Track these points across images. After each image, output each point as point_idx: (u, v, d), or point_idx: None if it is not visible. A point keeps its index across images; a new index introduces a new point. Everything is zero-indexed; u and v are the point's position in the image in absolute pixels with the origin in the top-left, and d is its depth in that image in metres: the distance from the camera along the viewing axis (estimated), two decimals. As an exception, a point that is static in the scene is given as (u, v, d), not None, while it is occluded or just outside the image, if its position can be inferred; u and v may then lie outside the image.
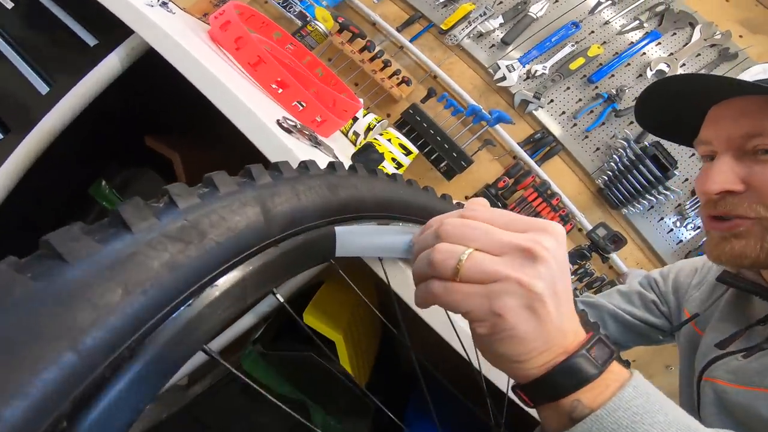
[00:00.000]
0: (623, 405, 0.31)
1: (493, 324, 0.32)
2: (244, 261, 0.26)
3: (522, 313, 0.31)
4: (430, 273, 0.33)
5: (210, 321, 0.24)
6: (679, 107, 0.63)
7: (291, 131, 0.58)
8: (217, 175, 0.27)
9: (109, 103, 0.77)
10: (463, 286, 0.32)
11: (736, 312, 0.68)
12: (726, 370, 0.61)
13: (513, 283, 0.31)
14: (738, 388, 0.59)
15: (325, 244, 0.36)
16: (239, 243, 0.26)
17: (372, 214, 0.41)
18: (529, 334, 0.32)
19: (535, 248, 0.32)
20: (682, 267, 0.86)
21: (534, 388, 0.34)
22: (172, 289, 0.21)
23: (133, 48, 0.74)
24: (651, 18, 1.67)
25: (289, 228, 0.31)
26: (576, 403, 0.32)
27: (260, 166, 0.31)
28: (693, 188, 1.64)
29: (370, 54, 1.63)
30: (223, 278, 0.25)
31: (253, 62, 0.78)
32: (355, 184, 0.40)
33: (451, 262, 0.32)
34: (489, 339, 0.33)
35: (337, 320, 0.86)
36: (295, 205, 0.31)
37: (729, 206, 0.56)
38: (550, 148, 1.64)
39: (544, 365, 0.33)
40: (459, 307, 0.32)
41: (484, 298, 0.31)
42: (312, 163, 0.37)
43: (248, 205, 0.27)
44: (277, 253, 0.29)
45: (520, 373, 0.34)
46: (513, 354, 0.33)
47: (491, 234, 0.33)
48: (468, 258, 0.32)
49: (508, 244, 0.32)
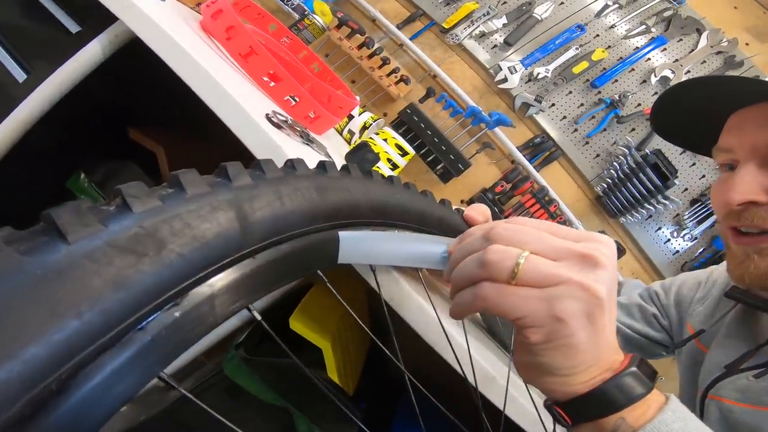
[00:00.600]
0: (662, 428, 0.31)
1: (552, 330, 0.30)
2: (213, 275, 0.22)
3: (582, 319, 0.30)
4: (481, 275, 0.32)
5: (168, 345, 0.20)
6: (698, 112, 0.60)
7: (281, 127, 0.54)
8: (185, 173, 0.23)
9: (90, 93, 0.73)
10: (520, 289, 0.30)
11: (743, 329, 0.65)
12: (733, 389, 0.59)
13: (576, 286, 0.30)
14: (745, 407, 0.56)
15: (320, 252, 0.33)
16: (208, 254, 0.22)
17: (365, 221, 0.37)
18: (584, 345, 0.31)
19: (595, 254, 0.30)
20: (684, 280, 0.83)
21: (578, 404, 0.32)
22: (117, 311, 0.17)
23: (117, 35, 0.70)
24: (658, 23, 1.64)
25: (270, 236, 0.27)
26: (620, 422, 0.31)
27: (238, 164, 0.27)
28: (692, 198, 1.62)
29: (368, 51, 1.59)
30: (187, 296, 0.21)
31: (244, 53, 0.74)
32: (348, 186, 0.36)
33: (508, 263, 0.30)
34: (541, 347, 0.31)
35: (326, 326, 0.82)
36: (277, 210, 0.27)
37: (754, 218, 0.53)
38: (549, 153, 1.61)
39: (591, 380, 0.32)
40: (515, 311, 0.30)
41: (544, 302, 0.30)
42: (300, 162, 0.33)
43: (220, 210, 0.23)
44: (255, 265, 0.26)
45: (563, 388, 0.32)
46: (562, 366, 0.32)
47: (547, 239, 0.32)
48: (526, 260, 0.30)
49: (565, 249, 0.31)
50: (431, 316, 0.49)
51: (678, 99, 0.62)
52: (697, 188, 1.62)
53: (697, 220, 1.60)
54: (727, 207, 0.55)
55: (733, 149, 0.56)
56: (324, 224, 0.33)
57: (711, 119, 0.59)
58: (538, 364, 0.32)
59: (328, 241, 0.34)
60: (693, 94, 0.60)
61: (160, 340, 0.20)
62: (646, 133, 1.62)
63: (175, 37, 0.56)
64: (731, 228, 0.56)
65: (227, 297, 0.23)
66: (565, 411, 0.33)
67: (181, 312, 0.20)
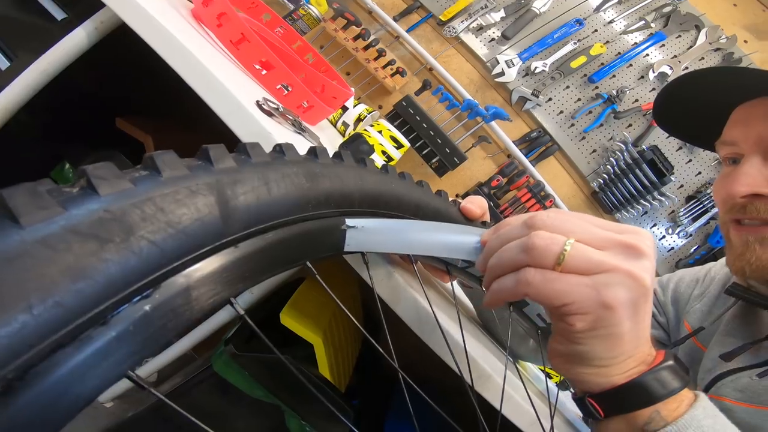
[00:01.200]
0: (694, 423, 0.31)
1: (599, 318, 0.30)
2: (189, 265, 0.21)
3: (629, 308, 0.30)
4: (524, 260, 0.31)
5: (136, 342, 0.18)
6: (702, 104, 0.59)
7: (272, 114, 0.52)
8: (161, 154, 0.21)
9: (75, 81, 0.71)
10: (567, 275, 0.30)
11: (743, 327, 0.64)
12: (734, 388, 0.58)
13: (624, 274, 0.29)
14: (746, 407, 0.56)
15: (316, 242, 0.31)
16: (184, 242, 0.20)
17: (358, 210, 0.35)
18: (627, 335, 0.31)
19: (639, 244, 0.30)
20: (682, 276, 0.82)
21: (615, 396, 0.32)
22: (74, 303, 0.15)
23: (103, 21, 0.67)
24: (657, 19, 1.63)
25: (255, 224, 0.25)
26: (654, 415, 0.31)
27: (221, 147, 0.25)
28: (687, 195, 1.61)
29: (364, 42, 1.57)
30: (159, 288, 0.19)
31: (235, 40, 0.72)
32: (340, 174, 0.34)
33: (555, 248, 0.30)
34: (585, 335, 0.31)
35: (317, 321, 0.80)
36: (263, 196, 0.25)
37: (759, 211, 0.52)
38: (545, 147, 1.60)
39: (629, 372, 0.32)
40: (562, 298, 0.30)
41: (592, 289, 0.29)
42: (289, 147, 0.31)
43: (200, 194, 0.21)
44: (238, 255, 0.24)
45: (599, 379, 0.32)
46: (602, 356, 0.32)
47: (590, 228, 0.31)
48: (573, 246, 0.30)
49: (609, 239, 0.31)
50: (426, 312, 0.48)
51: (683, 90, 0.61)
52: (693, 185, 1.62)
53: (693, 217, 1.60)
54: (731, 200, 0.54)
55: (737, 142, 0.55)
56: (318, 212, 0.31)
57: (715, 112, 0.58)
58: (577, 353, 0.32)
59: (326, 230, 0.32)
60: (698, 86, 0.59)
61: (127, 337, 0.18)
62: (643, 128, 1.61)
63: (163, 23, 0.53)
64: (733, 220, 0.56)
65: (206, 289, 0.22)
66: (598, 403, 0.33)
67: (152, 305, 0.18)
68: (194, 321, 0.21)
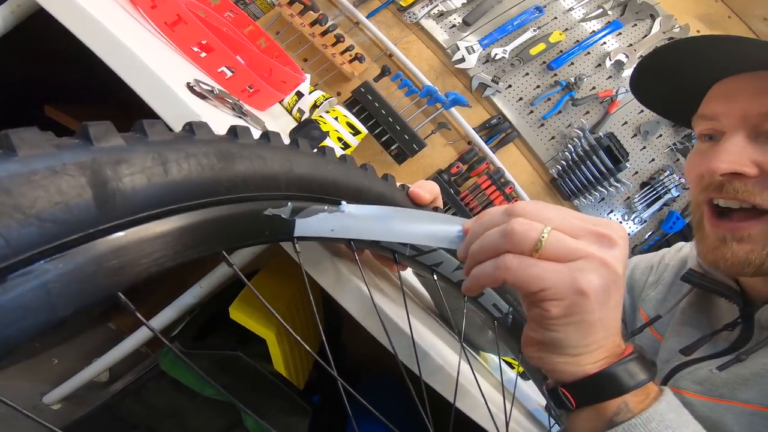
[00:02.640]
0: (657, 417, 0.32)
1: (572, 304, 0.31)
2: (48, 255, 0.18)
3: (602, 294, 0.31)
4: (504, 246, 0.32)
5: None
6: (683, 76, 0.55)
7: (205, 96, 0.49)
8: (20, 131, 0.18)
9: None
10: (544, 261, 0.31)
11: (699, 315, 0.63)
12: (693, 381, 0.56)
13: (597, 261, 0.31)
14: (705, 399, 0.54)
15: (236, 228, 0.29)
16: (38, 230, 0.17)
17: (284, 194, 0.33)
18: (600, 322, 0.31)
19: (611, 234, 0.32)
20: (637, 264, 0.80)
21: (586, 385, 0.33)
22: None
23: (19, 5, 0.62)
24: (614, 7, 1.65)
25: (147, 208, 0.22)
26: (623, 406, 0.32)
27: (107, 123, 0.22)
28: (642, 182, 1.65)
29: (321, 28, 1.52)
30: (4, 283, 0.16)
31: (170, 21, 0.67)
32: (264, 155, 0.32)
33: (533, 234, 0.31)
34: (559, 321, 0.32)
35: (270, 315, 0.77)
36: (157, 177, 0.22)
37: (738, 191, 0.49)
38: (505, 134, 1.60)
39: (600, 362, 0.33)
40: (538, 283, 0.31)
41: (568, 275, 0.30)
42: (201, 126, 0.28)
43: (66, 175, 0.18)
44: (122, 243, 0.21)
45: (572, 368, 0.33)
46: (575, 344, 0.32)
47: (568, 218, 0.32)
48: (550, 233, 0.31)
49: (584, 228, 0.32)
50: (368, 300, 0.46)
51: (665, 60, 0.56)
52: (647, 172, 1.66)
53: (647, 203, 1.64)
54: (710, 176, 0.51)
55: (718, 116, 0.52)
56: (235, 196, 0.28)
57: (692, 85, 0.55)
58: (551, 340, 0.33)
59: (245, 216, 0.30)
60: (683, 54, 0.54)
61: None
62: (600, 116, 1.64)
63: (81, 2, 0.49)
64: (708, 204, 0.53)
65: (77, 282, 0.19)
66: (570, 392, 0.34)
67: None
68: (59, 318, 0.18)
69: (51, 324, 0.18)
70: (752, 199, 0.48)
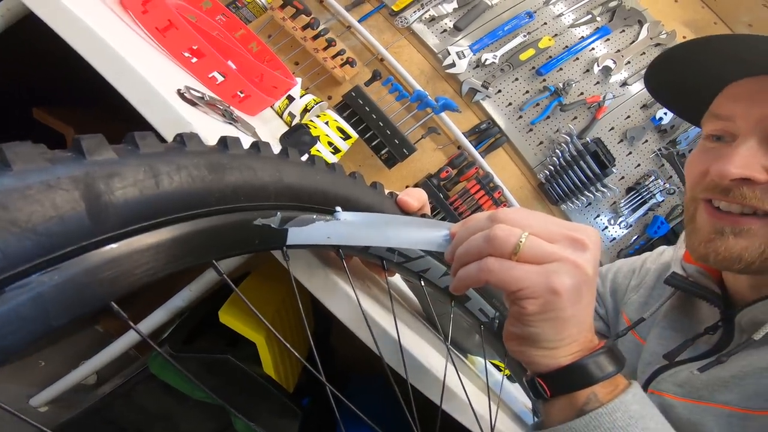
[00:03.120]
0: (622, 407, 0.35)
1: (547, 302, 0.34)
2: (44, 268, 0.18)
3: (574, 294, 0.34)
4: (486, 249, 0.35)
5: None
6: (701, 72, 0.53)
7: (195, 103, 0.49)
8: (14, 145, 0.19)
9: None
10: (521, 264, 0.34)
11: (681, 318, 0.64)
12: (674, 383, 0.57)
13: (570, 264, 0.34)
14: (686, 402, 0.55)
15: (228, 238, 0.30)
16: (34, 243, 0.18)
17: (273, 204, 0.33)
18: (572, 318, 0.35)
19: (584, 239, 0.35)
20: (620, 267, 0.81)
21: (560, 376, 0.36)
22: None
23: (9, 9, 0.62)
24: (603, 13, 1.67)
25: (139, 220, 0.23)
26: (592, 396, 0.35)
27: (98, 137, 0.23)
28: (628, 186, 1.68)
29: (313, 32, 1.53)
30: (3, 294, 0.17)
31: (162, 27, 0.67)
32: (254, 166, 0.32)
33: (512, 239, 0.34)
34: (535, 318, 0.34)
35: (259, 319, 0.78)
36: (149, 190, 0.23)
37: (746, 197, 0.48)
38: (494, 139, 1.62)
39: (572, 354, 0.36)
40: (516, 283, 0.34)
41: (542, 276, 0.33)
42: (192, 137, 0.29)
43: (60, 189, 0.19)
44: (115, 254, 0.21)
45: (547, 360, 0.36)
46: (550, 338, 0.35)
47: (545, 224, 0.35)
48: (528, 238, 0.34)
49: (559, 233, 0.35)
50: (357, 306, 0.47)
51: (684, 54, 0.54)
52: (633, 177, 1.69)
53: (632, 208, 1.67)
54: (718, 179, 0.49)
55: (734, 118, 0.50)
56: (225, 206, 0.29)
57: (710, 82, 0.54)
58: (529, 335, 0.36)
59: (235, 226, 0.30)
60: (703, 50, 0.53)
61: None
62: (587, 121, 1.66)
63: (71, 8, 0.49)
64: (706, 202, 0.52)
65: (72, 293, 0.19)
66: (546, 383, 0.37)
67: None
68: (53, 327, 0.19)
69: (46, 333, 0.18)
70: (759, 204, 0.48)
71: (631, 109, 1.68)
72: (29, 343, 0.18)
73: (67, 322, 0.19)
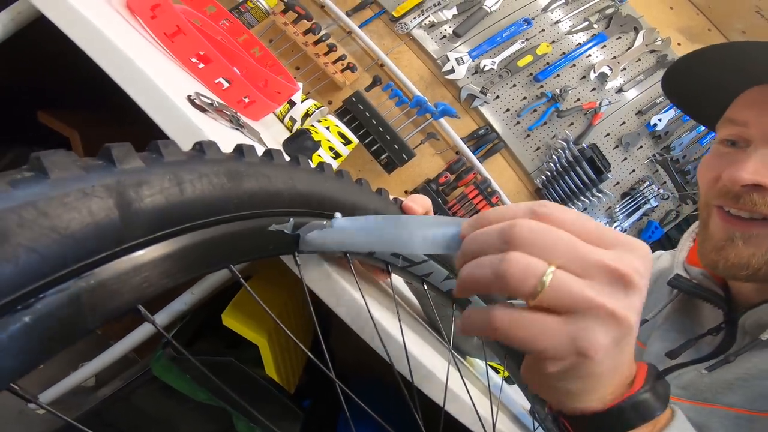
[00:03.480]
0: None
1: (574, 364, 0.26)
2: (83, 272, 0.19)
3: (610, 349, 0.26)
4: (496, 286, 0.26)
5: (13, 355, 0.17)
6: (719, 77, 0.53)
7: (205, 109, 0.50)
8: (51, 154, 0.20)
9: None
10: (540, 317, 0.26)
11: (683, 320, 0.63)
12: (677, 385, 0.57)
13: (606, 315, 0.25)
14: (690, 404, 0.54)
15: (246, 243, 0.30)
16: (72, 249, 0.18)
17: (286, 210, 0.34)
18: (606, 373, 0.28)
19: (629, 273, 0.26)
20: None
21: (589, 420, 0.30)
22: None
23: (20, 12, 0.62)
24: (600, 20, 1.70)
25: (164, 227, 0.24)
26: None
27: (127, 145, 0.23)
28: (623, 192, 1.70)
29: (314, 37, 1.54)
30: (43, 298, 0.18)
31: (170, 32, 0.68)
32: (269, 173, 0.33)
33: (531, 282, 0.25)
34: (559, 377, 0.28)
35: (262, 321, 0.78)
36: (174, 197, 0.24)
37: (754, 203, 0.48)
38: (492, 145, 1.64)
39: (606, 399, 0.30)
40: (533, 344, 0.26)
41: (569, 333, 0.25)
42: (210, 146, 0.30)
43: (95, 197, 0.20)
44: (143, 260, 0.22)
45: (575, 404, 0.30)
46: (581, 390, 0.29)
47: (578, 249, 0.26)
48: (553, 276, 0.25)
49: (597, 264, 0.26)
50: (364, 311, 0.48)
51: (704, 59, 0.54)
52: (628, 182, 1.71)
53: (627, 213, 1.69)
54: (730, 184, 0.49)
55: (748, 124, 0.50)
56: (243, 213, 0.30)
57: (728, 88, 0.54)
58: (551, 387, 0.29)
59: (253, 232, 0.31)
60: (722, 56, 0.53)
61: (4, 349, 0.16)
62: (583, 127, 1.68)
63: (84, 12, 0.50)
64: (718, 208, 0.52)
65: (105, 295, 0.20)
66: (572, 425, 0.31)
67: (33, 317, 0.17)
68: (88, 330, 0.19)
69: (81, 336, 0.19)
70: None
71: (626, 116, 1.71)
72: (66, 346, 0.19)
73: (100, 325, 0.20)
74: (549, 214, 0.27)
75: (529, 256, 0.25)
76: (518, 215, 0.28)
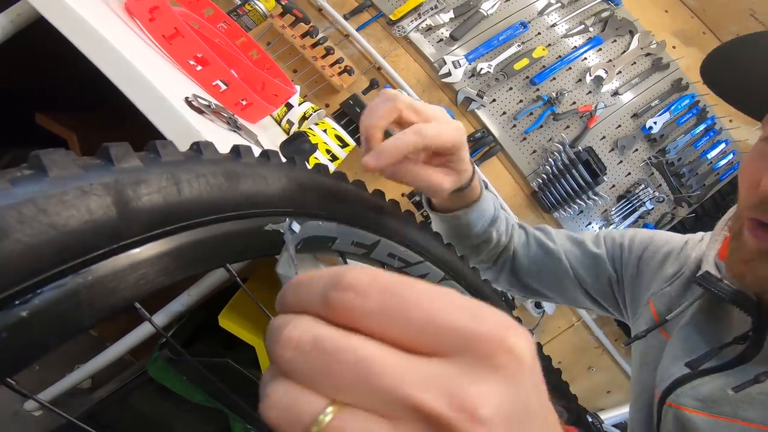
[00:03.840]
0: None
1: None
2: (80, 268, 0.19)
3: None
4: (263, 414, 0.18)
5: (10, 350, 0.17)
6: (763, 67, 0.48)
7: (202, 111, 0.51)
8: (50, 152, 0.20)
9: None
10: None
11: (709, 322, 0.58)
12: (694, 397, 0.53)
13: None
14: (707, 417, 0.51)
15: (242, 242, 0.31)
16: (70, 245, 0.19)
17: (282, 210, 0.35)
18: None
19: (465, 413, 0.16)
20: (652, 240, 0.69)
21: None
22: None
23: (19, 14, 0.63)
24: (596, 23, 1.71)
25: (161, 226, 0.24)
26: None
27: (125, 145, 0.24)
28: (618, 195, 1.71)
29: (312, 40, 1.55)
30: (40, 294, 0.18)
31: (168, 35, 0.69)
32: (265, 174, 0.34)
33: (304, 419, 0.17)
34: None
35: (258, 323, 0.79)
36: (171, 197, 0.24)
37: None
38: (489, 148, 1.64)
39: None
40: None
41: None
42: (208, 146, 0.30)
43: (93, 195, 0.20)
44: (140, 257, 0.23)
45: None
46: None
47: (377, 373, 0.16)
48: (330, 426, 0.16)
49: (404, 401, 0.16)
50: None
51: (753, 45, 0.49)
52: (623, 185, 1.72)
53: (623, 216, 1.70)
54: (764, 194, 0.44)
55: None
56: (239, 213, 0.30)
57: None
58: None
59: (249, 232, 0.32)
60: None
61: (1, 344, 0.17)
62: (579, 130, 1.69)
63: (82, 14, 0.50)
64: (752, 219, 0.47)
65: (102, 292, 0.20)
66: None
67: (31, 312, 0.17)
68: (86, 326, 0.20)
69: (79, 332, 0.20)
70: None
71: (622, 118, 1.72)
72: (65, 342, 0.19)
73: (97, 321, 0.21)
74: (347, 302, 0.18)
75: (301, 389, 0.17)
76: (310, 302, 0.19)
